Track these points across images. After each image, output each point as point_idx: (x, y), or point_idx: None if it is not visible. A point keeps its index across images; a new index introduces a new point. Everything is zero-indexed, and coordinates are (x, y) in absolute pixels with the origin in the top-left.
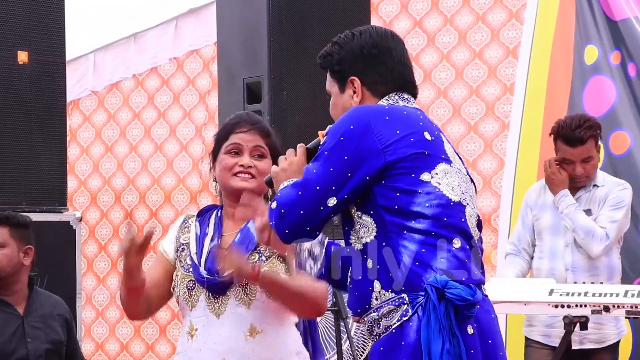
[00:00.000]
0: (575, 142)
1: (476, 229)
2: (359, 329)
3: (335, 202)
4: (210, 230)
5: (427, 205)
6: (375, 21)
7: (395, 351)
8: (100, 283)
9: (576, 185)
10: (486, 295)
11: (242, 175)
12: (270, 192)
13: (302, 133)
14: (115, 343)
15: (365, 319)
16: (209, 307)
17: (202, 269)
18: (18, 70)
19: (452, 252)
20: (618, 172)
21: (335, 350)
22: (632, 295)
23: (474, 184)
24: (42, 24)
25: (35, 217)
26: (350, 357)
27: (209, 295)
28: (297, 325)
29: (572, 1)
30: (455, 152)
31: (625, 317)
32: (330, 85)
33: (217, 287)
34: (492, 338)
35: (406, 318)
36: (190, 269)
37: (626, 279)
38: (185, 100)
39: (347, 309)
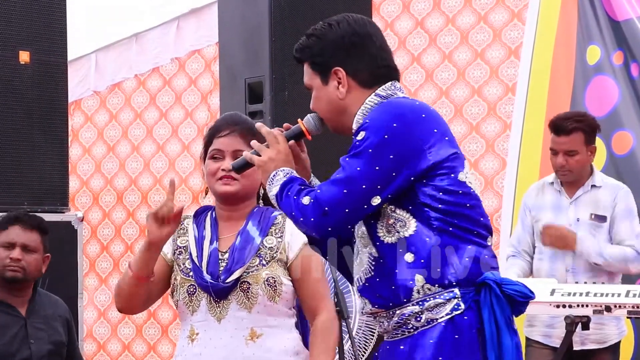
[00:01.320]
0: (560, 131)
1: None
2: (360, 329)
3: (379, 201)
4: (207, 232)
5: (467, 205)
6: (376, 21)
7: (447, 344)
8: (102, 283)
9: (559, 178)
10: None
11: (225, 179)
12: (262, 190)
13: None
14: (117, 343)
15: (397, 312)
16: (210, 311)
17: (205, 273)
18: (20, 70)
19: (489, 250)
20: (620, 172)
21: (337, 350)
22: (634, 295)
23: None
24: (44, 24)
25: None
26: (352, 357)
27: (210, 300)
28: (296, 325)
29: (574, 1)
30: None
31: (627, 317)
32: (311, 78)
33: (220, 292)
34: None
35: (458, 312)
36: (191, 273)
37: (627, 279)
38: (187, 100)
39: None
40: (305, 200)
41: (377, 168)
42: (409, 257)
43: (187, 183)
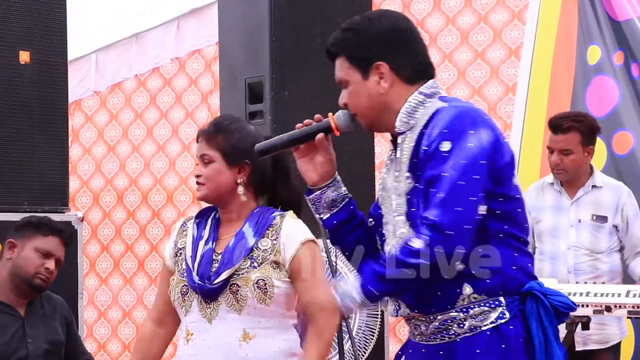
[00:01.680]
0: (556, 129)
1: None
2: (360, 329)
3: (484, 208)
4: (206, 233)
5: (518, 210)
6: None
7: (494, 354)
8: (103, 283)
9: (555, 177)
10: None
11: (197, 185)
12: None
13: None
14: (118, 343)
15: (439, 317)
16: (201, 312)
17: (194, 274)
18: (20, 70)
19: (531, 257)
20: (621, 172)
21: (337, 350)
22: (634, 296)
23: None
24: (44, 24)
25: None
26: (352, 357)
27: (201, 301)
28: (295, 326)
29: (575, 1)
30: None
31: (627, 317)
32: (347, 73)
33: (208, 293)
34: None
35: (503, 321)
36: (185, 274)
37: (628, 280)
38: (187, 100)
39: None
40: (419, 243)
41: (475, 177)
42: (460, 265)
43: (188, 183)
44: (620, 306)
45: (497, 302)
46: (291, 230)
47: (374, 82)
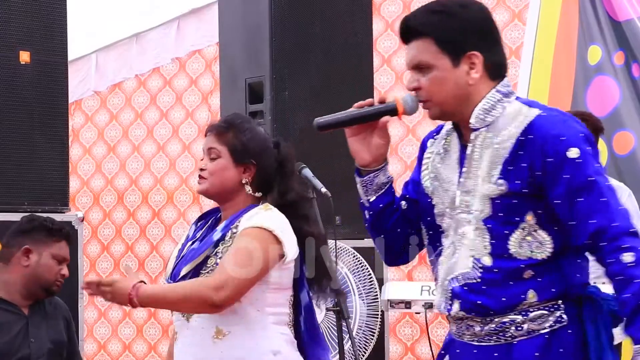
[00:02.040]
0: None
1: None
2: (360, 329)
3: None
4: (200, 232)
5: None
6: (377, 22)
7: (552, 356)
8: None
9: None
10: None
11: (199, 178)
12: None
13: (304, 133)
14: (118, 343)
15: (496, 319)
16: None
17: (168, 273)
18: (20, 70)
19: (588, 261)
20: (622, 172)
21: (337, 350)
22: None
23: None
24: (44, 24)
25: None
26: (352, 357)
27: None
28: (296, 324)
29: (575, 2)
30: None
31: None
32: (434, 57)
33: None
34: None
35: (562, 325)
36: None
37: None
38: (187, 100)
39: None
40: (629, 256)
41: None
42: (528, 274)
43: (188, 183)
44: None
45: (555, 306)
46: (249, 216)
47: (464, 72)
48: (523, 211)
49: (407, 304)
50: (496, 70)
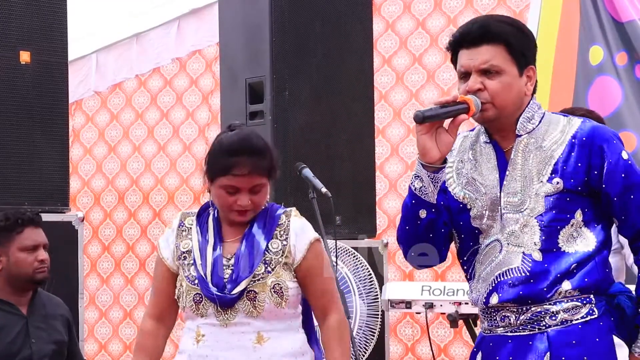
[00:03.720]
0: None
1: None
2: (361, 329)
3: None
4: (211, 237)
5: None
6: (377, 22)
7: (589, 344)
8: (104, 283)
9: None
10: None
11: (241, 212)
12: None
13: (304, 133)
14: (119, 343)
15: (532, 309)
16: (217, 317)
17: (210, 285)
18: (20, 70)
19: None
20: None
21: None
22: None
23: None
24: (44, 24)
25: None
26: (353, 357)
27: (217, 308)
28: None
29: (576, 2)
30: None
31: None
32: (506, 63)
33: (227, 303)
34: None
35: (594, 316)
36: (196, 282)
37: (629, 280)
38: (188, 100)
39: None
40: None
41: None
42: (572, 267)
43: (189, 183)
44: None
45: (588, 299)
46: (299, 231)
47: (524, 82)
48: (574, 208)
49: (408, 304)
50: (536, 86)
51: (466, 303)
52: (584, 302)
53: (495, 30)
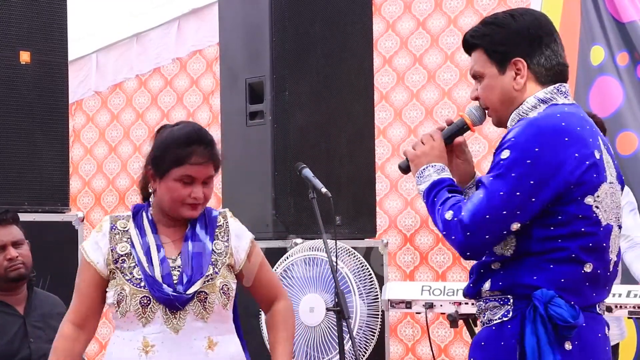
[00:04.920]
0: None
1: (616, 252)
2: (361, 329)
3: (517, 227)
4: (150, 238)
5: (582, 229)
6: (378, 22)
7: (492, 348)
8: None
9: None
10: (600, 314)
11: (193, 206)
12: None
13: (304, 133)
14: None
15: (476, 304)
16: (166, 323)
17: (165, 285)
18: (20, 70)
19: (579, 274)
20: (625, 173)
21: (338, 350)
22: (635, 296)
23: (623, 186)
24: (44, 24)
25: (37, 217)
26: (353, 357)
27: (166, 311)
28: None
29: (577, 2)
30: (610, 156)
31: (628, 318)
32: (484, 65)
33: (181, 303)
34: (595, 357)
35: (507, 318)
36: (143, 284)
37: (628, 280)
38: (188, 100)
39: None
40: (448, 215)
41: (517, 194)
42: (495, 265)
43: None
44: (620, 306)
45: (505, 300)
46: (239, 232)
47: (510, 78)
48: None
49: (408, 304)
50: (547, 74)
51: (466, 303)
52: (502, 302)
53: (471, 36)
